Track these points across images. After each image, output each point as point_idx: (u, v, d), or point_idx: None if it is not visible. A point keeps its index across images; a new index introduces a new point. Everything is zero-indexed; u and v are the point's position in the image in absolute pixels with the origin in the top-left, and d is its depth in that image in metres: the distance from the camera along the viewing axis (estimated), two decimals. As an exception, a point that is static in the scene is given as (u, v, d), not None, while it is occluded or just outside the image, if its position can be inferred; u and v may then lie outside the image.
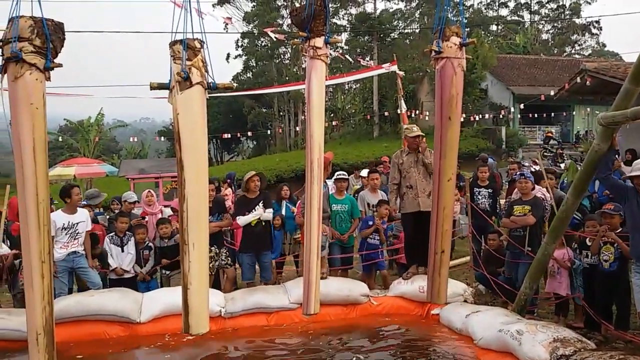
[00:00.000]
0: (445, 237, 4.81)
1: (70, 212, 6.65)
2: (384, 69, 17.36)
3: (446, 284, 4.99)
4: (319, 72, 4.19)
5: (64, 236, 6.53)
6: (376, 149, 27.29)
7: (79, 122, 36.33)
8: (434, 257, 4.86)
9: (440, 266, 4.84)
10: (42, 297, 3.38)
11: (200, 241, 3.82)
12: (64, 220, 6.55)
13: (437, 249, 4.82)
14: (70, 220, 6.58)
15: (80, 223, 6.64)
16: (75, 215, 6.64)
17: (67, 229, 6.55)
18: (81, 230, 6.66)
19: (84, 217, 6.74)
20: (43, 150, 3.42)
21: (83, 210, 6.92)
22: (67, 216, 6.59)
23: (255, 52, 42.82)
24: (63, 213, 6.65)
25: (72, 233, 6.59)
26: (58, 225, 6.46)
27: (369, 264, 7.46)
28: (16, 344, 5.64)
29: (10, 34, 3.38)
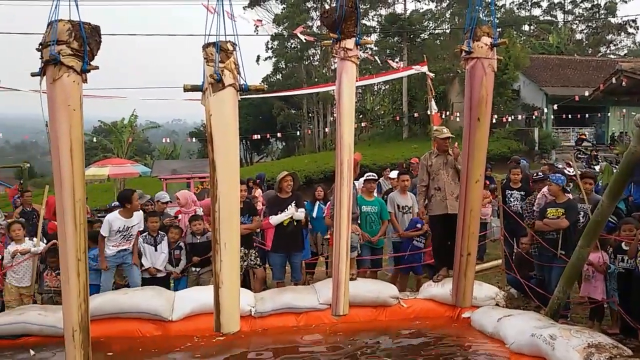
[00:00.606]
0: (471, 240, 4.76)
1: (126, 216, 6.84)
2: (414, 70, 17.24)
3: (472, 287, 4.94)
4: (350, 74, 4.19)
5: (118, 237, 6.77)
6: (405, 151, 27.11)
7: (113, 123, 37.07)
8: (460, 260, 4.82)
9: (466, 269, 4.79)
10: (78, 294, 3.46)
11: (232, 241, 3.86)
12: (120, 224, 6.77)
13: (463, 251, 4.78)
14: (126, 224, 6.81)
15: (134, 226, 6.88)
16: (131, 219, 6.86)
17: (122, 231, 6.78)
18: (134, 232, 6.91)
19: (138, 219, 6.96)
20: (80, 150, 3.49)
21: (138, 213, 7.08)
22: (123, 220, 6.80)
23: (285, 54, 43.05)
24: (120, 216, 6.83)
25: (126, 235, 6.82)
26: (114, 228, 6.72)
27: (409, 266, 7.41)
28: (53, 340, 5.80)
29: (49, 37, 3.46)
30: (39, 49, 3.54)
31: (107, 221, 6.81)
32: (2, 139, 46.71)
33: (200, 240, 7.41)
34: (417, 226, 7.41)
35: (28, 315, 6.11)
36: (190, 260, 7.33)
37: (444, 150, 6.80)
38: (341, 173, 4.13)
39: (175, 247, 7.38)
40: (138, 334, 6.10)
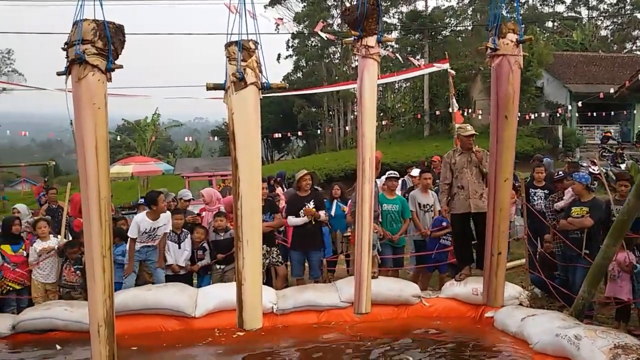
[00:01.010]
0: (502, 239, 4.71)
1: (153, 217, 6.96)
2: (436, 67, 17.13)
3: (503, 286, 4.89)
4: (371, 71, 4.18)
5: (144, 237, 6.92)
6: (427, 149, 26.92)
7: (136, 121, 37.45)
8: (491, 259, 4.76)
9: (497, 268, 4.74)
10: (104, 290, 3.50)
11: (254, 238, 3.87)
12: (147, 225, 6.90)
13: (494, 250, 4.72)
14: (153, 225, 6.94)
15: (160, 227, 6.99)
16: (158, 221, 6.98)
17: (148, 232, 6.91)
18: (160, 233, 7.00)
19: (165, 221, 7.06)
20: (104, 148, 3.53)
21: (166, 215, 7.17)
22: (150, 222, 6.93)
23: (306, 52, 43.04)
24: (147, 218, 6.96)
25: (152, 235, 6.96)
26: (141, 230, 6.84)
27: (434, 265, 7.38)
28: (78, 335, 5.90)
29: (74, 36, 3.50)
30: (65, 49, 3.59)
31: (135, 223, 6.93)
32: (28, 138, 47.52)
33: (223, 237, 7.47)
34: (442, 224, 7.37)
35: (54, 310, 6.24)
36: (214, 257, 7.39)
37: (467, 148, 6.72)
38: (363, 171, 4.12)
39: (199, 248, 7.45)
40: (162, 330, 6.19)
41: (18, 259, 7.09)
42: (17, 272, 7.04)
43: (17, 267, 7.06)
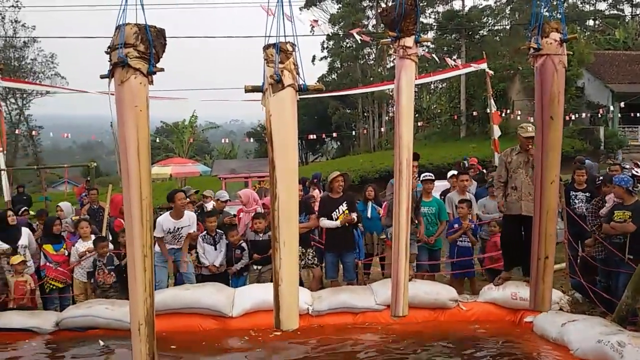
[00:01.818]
0: (549, 242, 4.59)
1: (176, 217, 7.02)
2: (473, 68, 16.93)
3: (550, 291, 4.76)
4: (409, 72, 4.14)
5: (168, 237, 6.98)
6: (463, 150, 26.55)
7: (174, 124, 38.10)
8: (537, 263, 4.65)
9: (544, 272, 4.62)
10: (145, 289, 3.56)
11: (291, 239, 3.89)
12: (170, 225, 6.96)
13: (541, 254, 4.61)
14: (176, 225, 6.99)
15: (184, 227, 7.03)
16: (181, 220, 7.02)
17: (172, 232, 6.98)
18: (184, 233, 7.06)
19: (189, 221, 7.09)
20: (146, 150, 3.59)
21: (190, 215, 7.24)
22: (173, 221, 6.99)
23: (340, 53, 43.02)
24: (170, 218, 7.03)
25: (176, 236, 7.01)
26: (164, 229, 6.91)
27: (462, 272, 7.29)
28: (119, 333, 6.04)
29: (117, 40, 3.58)
30: (108, 52, 3.67)
31: (158, 222, 6.96)
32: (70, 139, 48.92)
33: (262, 238, 7.51)
34: (454, 226, 7.27)
35: (96, 309, 6.39)
36: (251, 257, 7.46)
37: (525, 149, 6.52)
38: (400, 172, 4.09)
39: (237, 247, 7.52)
40: (199, 329, 6.27)
41: (60, 258, 7.32)
42: (59, 270, 7.26)
43: (59, 266, 7.28)
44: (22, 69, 38.23)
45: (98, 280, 7.12)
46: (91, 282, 7.26)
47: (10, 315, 6.55)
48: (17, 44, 38.56)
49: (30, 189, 30.69)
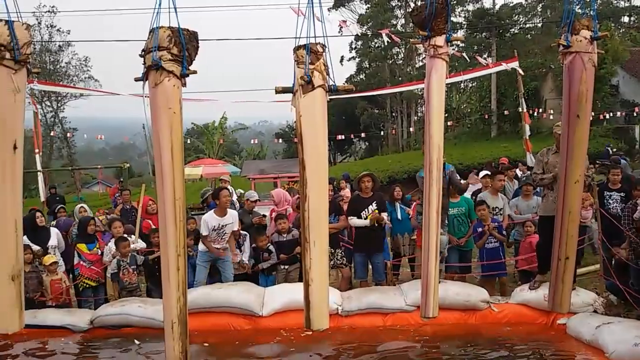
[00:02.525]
0: (570, 243, 4.52)
1: (220, 214, 7.15)
2: (504, 66, 16.70)
3: (570, 293, 4.70)
4: (439, 71, 4.12)
5: (213, 235, 7.10)
6: (494, 150, 26.24)
7: (205, 125, 38.59)
8: (557, 264, 4.59)
9: (564, 273, 4.56)
10: (178, 288, 3.61)
11: (321, 239, 3.90)
12: (214, 222, 7.09)
13: (561, 255, 4.55)
14: (220, 222, 7.11)
15: (228, 225, 7.15)
16: (225, 218, 7.15)
17: (217, 230, 7.09)
18: (228, 231, 7.18)
19: (232, 219, 7.23)
20: (180, 151, 3.65)
21: (233, 213, 7.37)
22: (217, 219, 7.12)
23: (369, 53, 42.93)
24: (214, 215, 7.16)
25: (221, 233, 7.13)
26: (209, 227, 7.03)
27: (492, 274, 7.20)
28: (151, 331, 6.14)
29: (151, 43, 3.65)
30: (142, 55, 3.74)
31: (203, 220, 7.14)
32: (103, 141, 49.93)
33: (286, 238, 7.60)
34: (477, 230, 7.18)
35: (130, 307, 6.51)
36: (278, 257, 7.52)
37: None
38: (430, 173, 4.07)
39: (265, 250, 7.60)
40: (230, 328, 6.34)
41: (93, 257, 7.49)
42: (93, 269, 7.42)
43: (93, 264, 7.44)
44: (57, 73, 39.22)
45: (123, 280, 7.26)
46: (117, 282, 7.39)
47: (46, 312, 6.72)
48: (53, 48, 39.54)
49: (64, 189, 31.49)
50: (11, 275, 3.56)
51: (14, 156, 3.53)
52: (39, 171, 15.67)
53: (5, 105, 3.50)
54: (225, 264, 7.19)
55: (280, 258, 7.54)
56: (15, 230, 3.57)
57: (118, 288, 7.34)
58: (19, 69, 3.54)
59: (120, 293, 7.29)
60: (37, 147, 15.63)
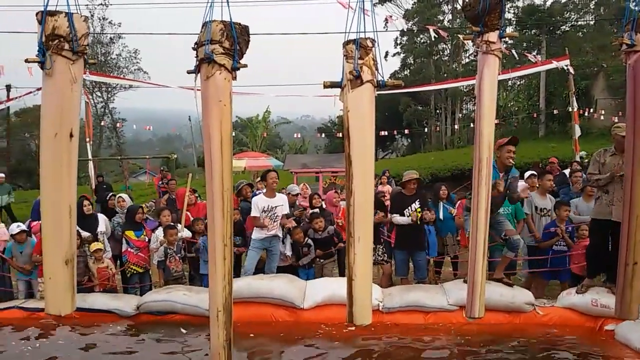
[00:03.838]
0: (638, 247, 4.36)
1: (269, 195, 7.26)
2: (554, 64, 16.29)
3: (638, 298, 4.53)
4: (492, 68, 4.04)
5: (264, 217, 7.15)
6: (542, 150, 25.59)
7: (248, 119, 39.01)
8: (625, 269, 4.42)
9: (632, 279, 4.40)
10: (224, 277, 3.68)
11: (366, 235, 3.90)
12: (264, 203, 7.19)
13: (629, 260, 4.38)
14: (270, 203, 7.20)
15: (278, 207, 7.24)
16: (274, 199, 7.26)
17: (267, 211, 7.17)
18: (279, 213, 7.23)
19: (282, 201, 7.35)
20: (228, 143, 3.71)
21: (282, 196, 7.51)
22: (267, 200, 7.22)
23: (414, 49, 42.50)
24: (264, 197, 7.29)
25: (272, 215, 7.20)
26: (260, 207, 7.13)
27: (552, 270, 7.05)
28: (195, 319, 6.27)
29: (203, 37, 3.71)
30: (195, 48, 3.80)
31: (254, 202, 7.27)
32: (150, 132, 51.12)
33: (321, 236, 7.77)
34: (550, 230, 7.00)
35: (175, 294, 6.65)
36: (315, 253, 7.68)
37: (622, 150, 6.11)
38: (479, 171, 4.00)
39: (304, 245, 7.69)
40: (272, 319, 6.40)
41: (140, 244, 7.71)
42: (140, 256, 7.65)
43: (140, 251, 7.66)
44: (108, 64, 40.29)
45: (170, 268, 7.43)
46: (163, 270, 7.58)
47: (94, 296, 6.94)
48: (104, 40, 40.65)
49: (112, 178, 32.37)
50: (65, 260, 3.69)
51: (70, 144, 3.65)
52: (89, 160, 16.16)
53: (63, 94, 3.62)
54: (272, 256, 7.28)
55: (316, 254, 7.69)
56: (69, 216, 3.70)
57: (164, 275, 7.53)
58: (76, 60, 3.65)
59: (166, 281, 7.47)
60: (88, 136, 16.11)
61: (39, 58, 3.58)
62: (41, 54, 3.58)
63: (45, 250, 3.67)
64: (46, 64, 3.56)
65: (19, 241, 7.47)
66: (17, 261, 7.45)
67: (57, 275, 3.68)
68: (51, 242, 3.66)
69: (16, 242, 7.50)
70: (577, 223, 7.22)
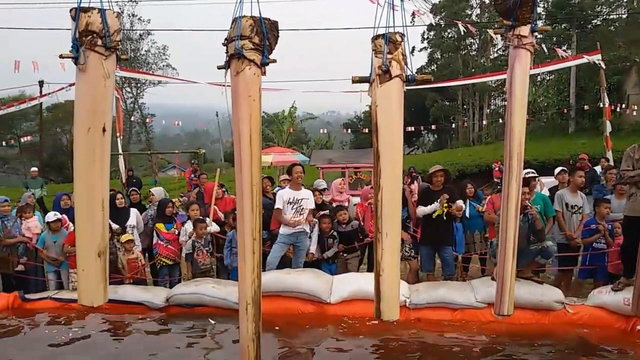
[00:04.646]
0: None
1: (295, 188, 7.29)
2: (585, 59, 15.96)
3: None
4: (523, 62, 3.98)
5: (289, 210, 7.16)
6: (571, 146, 25.13)
7: (274, 114, 39.11)
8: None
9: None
10: (252, 270, 3.71)
11: (393, 230, 3.89)
12: (289, 195, 7.21)
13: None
14: (295, 196, 7.21)
15: (303, 200, 7.24)
16: (300, 192, 7.28)
17: (292, 203, 7.18)
18: (305, 206, 7.24)
19: (307, 195, 7.35)
20: (257, 138, 3.73)
21: (308, 191, 7.51)
22: (292, 192, 7.24)
23: (442, 44, 42.12)
24: (289, 189, 7.33)
25: (297, 208, 7.21)
26: (285, 199, 7.16)
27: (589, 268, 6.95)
28: (224, 311, 6.34)
29: (233, 32, 3.73)
30: (225, 44, 3.83)
31: (279, 195, 7.30)
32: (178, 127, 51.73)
33: (345, 229, 7.75)
34: (591, 227, 6.87)
35: (204, 287, 6.73)
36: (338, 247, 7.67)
37: None
38: (510, 167, 3.95)
39: (329, 236, 7.69)
40: (299, 313, 6.44)
41: (171, 237, 7.83)
42: (170, 249, 7.77)
43: (170, 244, 7.77)
44: (137, 60, 40.80)
45: (198, 261, 7.52)
46: (191, 263, 7.67)
47: (125, 288, 7.07)
48: (134, 36, 41.20)
49: (141, 172, 32.86)
50: (98, 252, 3.76)
51: (103, 139, 3.71)
52: (119, 154, 16.45)
53: (96, 90, 3.68)
54: (299, 251, 7.30)
55: (339, 248, 7.69)
56: (102, 210, 3.76)
57: (192, 268, 7.63)
58: (109, 55, 3.70)
59: (193, 273, 7.56)
60: (118, 131, 16.39)
61: (72, 54, 3.65)
62: (75, 49, 3.64)
63: (79, 242, 3.74)
64: (80, 60, 3.62)
65: (54, 229, 7.64)
66: (50, 251, 7.62)
67: (90, 268, 3.75)
68: (84, 235, 3.73)
69: (51, 230, 7.67)
70: (611, 221, 7.08)
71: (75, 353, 5.59)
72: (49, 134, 39.56)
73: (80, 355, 5.54)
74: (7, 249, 7.61)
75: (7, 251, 7.60)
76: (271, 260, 7.12)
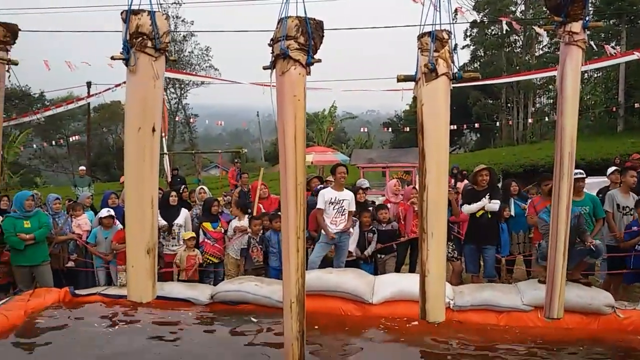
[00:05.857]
0: None
1: (337, 189, 7.33)
2: (636, 56, 15.46)
3: None
4: (575, 59, 3.89)
5: (331, 210, 7.21)
6: (620, 145, 24.27)
7: (314, 113, 39.23)
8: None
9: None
10: (297, 269, 3.74)
11: (439, 230, 3.85)
12: (331, 195, 7.26)
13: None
14: (337, 196, 7.25)
15: (345, 200, 7.27)
16: (342, 193, 7.30)
17: (334, 203, 7.22)
18: (346, 207, 7.27)
19: (348, 196, 7.36)
20: (302, 138, 3.76)
21: (349, 192, 7.50)
22: (334, 192, 7.29)
23: (485, 41, 41.36)
24: (332, 189, 7.37)
25: (339, 208, 7.24)
26: (326, 199, 7.20)
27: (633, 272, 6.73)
28: (266, 309, 6.39)
29: (279, 33, 3.77)
30: (270, 44, 3.87)
31: (320, 194, 7.31)
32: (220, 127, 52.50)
33: (385, 228, 7.75)
34: (633, 229, 6.64)
35: (247, 285, 6.80)
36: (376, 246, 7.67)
37: None
38: (561, 166, 3.86)
39: (369, 230, 7.69)
40: (341, 312, 6.43)
41: (217, 235, 7.97)
42: (216, 247, 7.90)
43: (216, 242, 7.90)
44: (181, 61, 41.63)
45: (252, 257, 7.61)
46: (245, 258, 7.76)
47: (171, 285, 7.22)
48: (177, 38, 42.04)
49: (185, 171, 33.48)
50: (147, 249, 3.85)
51: (152, 138, 3.80)
52: (165, 154, 16.80)
53: (146, 90, 3.77)
54: (341, 251, 7.29)
55: (377, 247, 7.68)
56: (151, 207, 3.85)
57: (245, 264, 7.74)
58: (158, 57, 3.79)
59: (246, 270, 7.68)
60: (164, 131, 16.75)
61: (123, 55, 3.75)
62: (125, 51, 3.74)
63: (129, 239, 3.84)
64: (130, 61, 3.72)
65: (106, 225, 7.86)
66: (101, 247, 7.84)
67: (139, 264, 3.84)
68: (134, 232, 3.82)
69: (103, 226, 7.89)
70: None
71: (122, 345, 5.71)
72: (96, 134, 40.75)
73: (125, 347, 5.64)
74: (58, 246, 7.89)
75: (58, 248, 7.87)
76: (313, 259, 7.13)
